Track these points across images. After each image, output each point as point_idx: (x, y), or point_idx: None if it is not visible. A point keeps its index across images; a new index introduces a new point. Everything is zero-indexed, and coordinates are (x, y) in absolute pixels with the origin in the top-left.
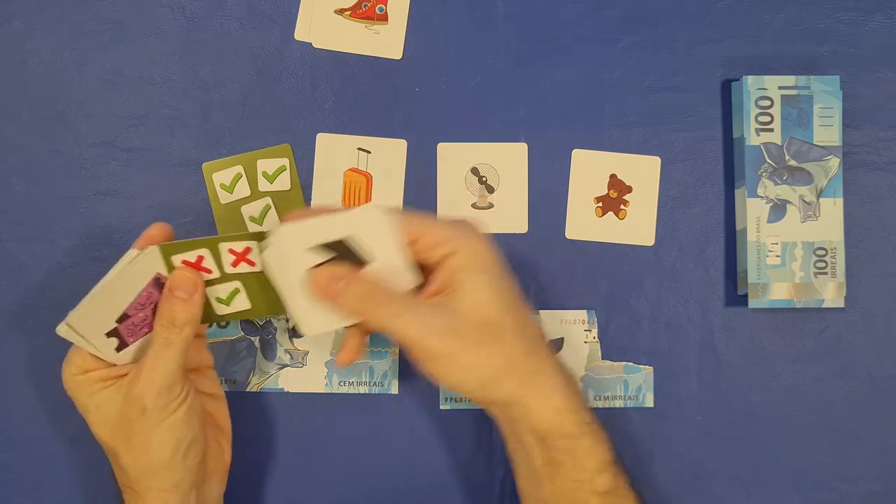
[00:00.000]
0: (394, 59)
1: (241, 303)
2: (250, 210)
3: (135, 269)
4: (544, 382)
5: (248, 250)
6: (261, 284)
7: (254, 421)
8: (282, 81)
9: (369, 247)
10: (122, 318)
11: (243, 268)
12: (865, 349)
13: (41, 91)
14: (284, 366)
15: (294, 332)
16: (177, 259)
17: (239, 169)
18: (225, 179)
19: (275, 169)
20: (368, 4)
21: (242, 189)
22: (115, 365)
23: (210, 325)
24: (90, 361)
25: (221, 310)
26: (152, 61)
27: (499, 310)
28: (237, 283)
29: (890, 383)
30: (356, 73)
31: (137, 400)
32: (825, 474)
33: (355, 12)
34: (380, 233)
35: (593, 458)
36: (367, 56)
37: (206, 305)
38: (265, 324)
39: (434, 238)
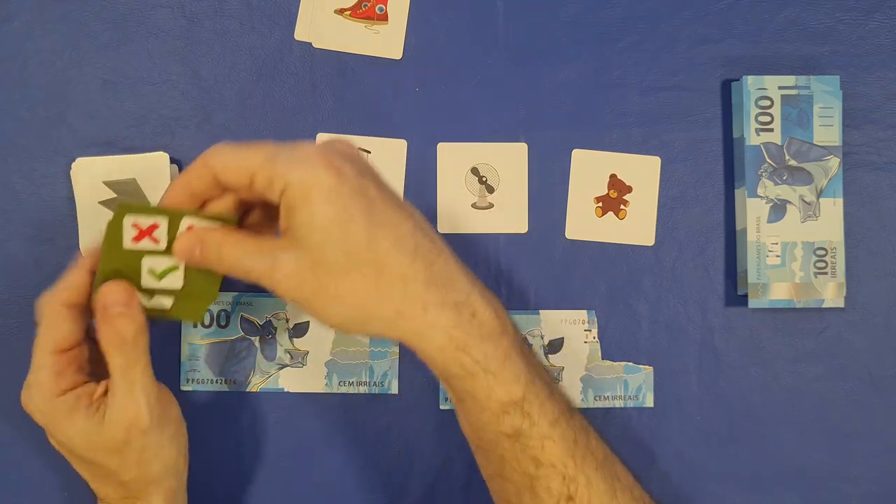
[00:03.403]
0: (394, 59)
1: (174, 281)
2: None
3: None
4: (419, 318)
5: None
6: (199, 272)
7: (254, 421)
8: (282, 81)
9: (150, 192)
10: None
11: None
12: (865, 349)
13: (41, 91)
14: (284, 366)
15: (294, 333)
16: (128, 220)
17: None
18: None
19: None
20: (368, 4)
21: None
22: (87, 382)
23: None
24: (64, 379)
25: (147, 282)
26: (152, 61)
27: (344, 237)
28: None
29: (890, 383)
30: (356, 73)
31: (133, 425)
32: (825, 474)
33: (355, 12)
34: (161, 181)
35: (493, 398)
36: (367, 56)
37: (133, 273)
38: (265, 324)
39: (264, 177)
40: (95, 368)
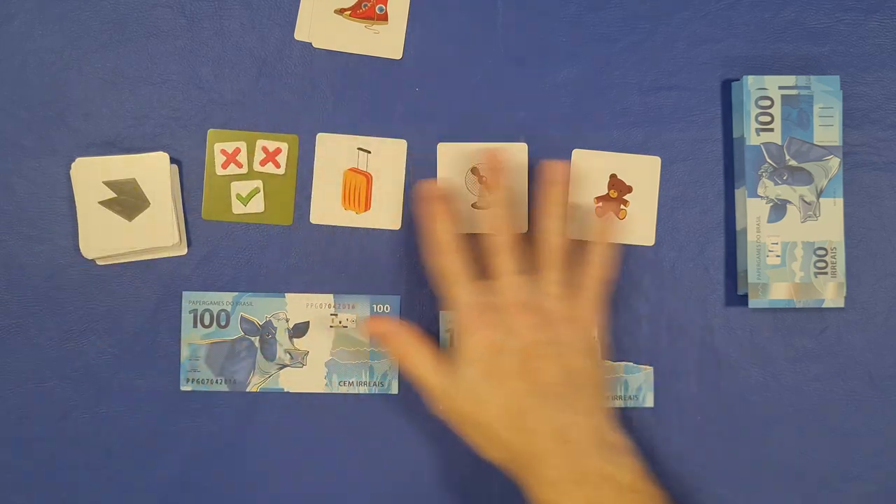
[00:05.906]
0: (394, 59)
1: (257, 205)
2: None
3: None
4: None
5: (278, 151)
6: (280, 189)
7: (254, 421)
8: (282, 81)
9: (149, 191)
10: None
11: (269, 168)
12: (865, 349)
13: (41, 91)
14: (284, 366)
15: (294, 332)
16: (218, 147)
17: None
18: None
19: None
20: (368, 4)
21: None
22: None
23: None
24: None
25: (238, 208)
26: (152, 61)
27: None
28: (258, 183)
29: (890, 383)
30: (356, 73)
31: None
32: (825, 474)
33: (355, 12)
34: (161, 181)
35: None
36: (367, 56)
37: (224, 201)
38: (265, 324)
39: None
40: None
